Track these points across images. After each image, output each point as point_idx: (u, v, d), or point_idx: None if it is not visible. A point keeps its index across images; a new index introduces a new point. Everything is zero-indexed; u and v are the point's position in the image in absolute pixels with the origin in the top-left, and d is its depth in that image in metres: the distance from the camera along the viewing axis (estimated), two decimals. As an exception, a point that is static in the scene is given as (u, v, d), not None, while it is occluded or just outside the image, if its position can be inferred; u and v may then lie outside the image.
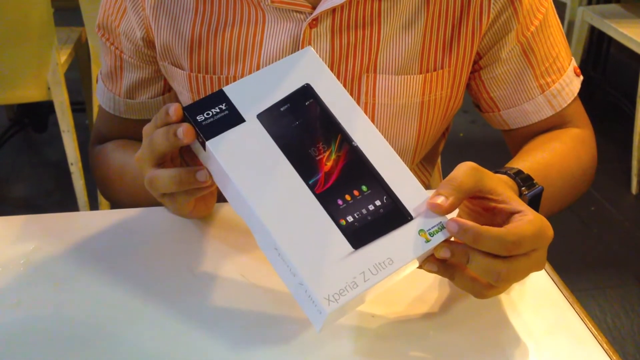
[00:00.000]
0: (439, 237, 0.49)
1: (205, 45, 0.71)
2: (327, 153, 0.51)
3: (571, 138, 0.75)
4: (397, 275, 0.49)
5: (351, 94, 0.72)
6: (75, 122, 1.69)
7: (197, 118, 0.51)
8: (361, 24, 0.69)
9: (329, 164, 0.50)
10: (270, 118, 0.52)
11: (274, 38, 0.70)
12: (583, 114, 0.79)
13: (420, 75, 0.72)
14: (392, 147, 0.51)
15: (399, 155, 0.77)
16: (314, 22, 0.69)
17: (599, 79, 2.53)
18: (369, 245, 0.48)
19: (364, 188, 0.50)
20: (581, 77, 0.78)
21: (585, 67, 2.49)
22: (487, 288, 0.51)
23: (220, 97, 0.52)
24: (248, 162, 0.50)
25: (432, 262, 0.51)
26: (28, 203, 2.04)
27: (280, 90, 0.53)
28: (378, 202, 0.49)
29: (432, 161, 0.89)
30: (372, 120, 0.74)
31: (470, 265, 0.50)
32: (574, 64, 0.77)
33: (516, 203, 0.52)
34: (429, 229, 0.49)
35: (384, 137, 0.53)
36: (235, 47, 0.71)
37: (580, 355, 0.53)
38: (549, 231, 0.52)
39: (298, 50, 0.68)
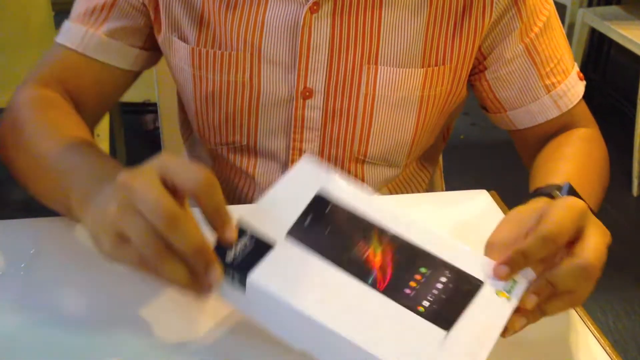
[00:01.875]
0: (519, 291, 0.48)
1: (214, 20, 0.71)
2: (371, 249, 0.49)
3: (580, 139, 0.76)
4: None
5: (351, 85, 0.73)
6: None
7: (226, 259, 0.48)
8: (362, 8, 0.69)
9: (378, 259, 0.49)
10: (299, 234, 0.50)
11: (275, 20, 0.70)
12: (588, 114, 0.79)
13: (422, 69, 0.73)
14: (389, 139, 0.50)
15: (395, 148, 0.76)
16: (315, 7, 0.69)
17: (599, 81, 2.53)
18: (458, 322, 0.46)
19: (423, 270, 0.49)
20: (584, 82, 0.78)
21: (585, 69, 2.49)
22: (584, 293, 0.50)
23: (239, 232, 0.49)
24: (300, 284, 0.47)
25: (520, 316, 0.48)
26: (27, 206, 2.04)
27: (295, 207, 0.51)
28: (444, 279, 0.48)
29: (433, 161, 0.89)
30: (371, 112, 0.74)
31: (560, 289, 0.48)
32: (576, 68, 0.77)
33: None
34: (505, 287, 0.48)
35: (381, 130, 0.52)
36: (238, 25, 0.71)
37: (583, 358, 0.53)
38: (586, 209, 0.51)
39: (298, 34, 0.69)
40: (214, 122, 0.77)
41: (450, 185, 0.90)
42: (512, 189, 0.74)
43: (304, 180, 0.54)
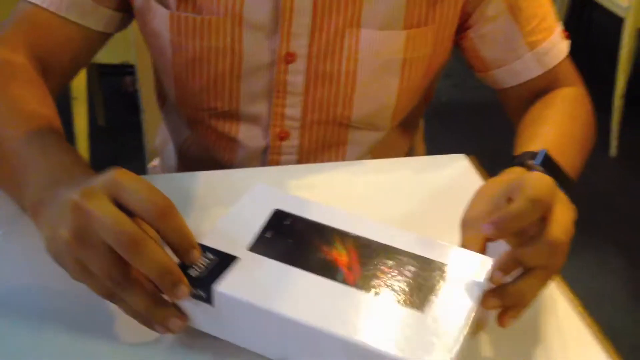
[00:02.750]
0: (484, 269, 0.50)
1: None
2: (336, 251, 0.50)
3: (564, 100, 0.76)
4: (471, 327, 0.48)
5: (334, 49, 0.72)
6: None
7: (190, 272, 0.47)
8: None
9: (344, 258, 0.50)
10: (262, 247, 0.50)
11: None
12: (573, 73, 0.80)
13: (404, 32, 0.73)
14: (373, 103, 0.51)
15: (379, 111, 0.76)
16: None
17: (580, 42, 2.53)
18: (431, 302, 0.47)
19: (390, 263, 0.50)
20: (569, 41, 0.78)
21: (567, 30, 2.49)
22: (554, 269, 0.50)
23: (201, 249, 0.49)
24: (269, 288, 0.47)
25: (490, 297, 0.49)
26: None
27: (254, 223, 0.52)
28: (412, 268, 0.49)
29: (415, 124, 0.90)
30: (354, 77, 0.74)
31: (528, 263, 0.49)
32: (560, 26, 0.78)
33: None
34: (473, 264, 0.50)
35: (365, 93, 0.52)
36: None
37: (552, 312, 0.55)
38: (554, 185, 0.51)
39: (279, 1, 0.69)
40: (194, 88, 0.76)
41: (432, 150, 0.91)
42: (495, 152, 0.75)
43: (260, 200, 0.54)
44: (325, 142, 0.79)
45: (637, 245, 1.85)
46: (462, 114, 2.38)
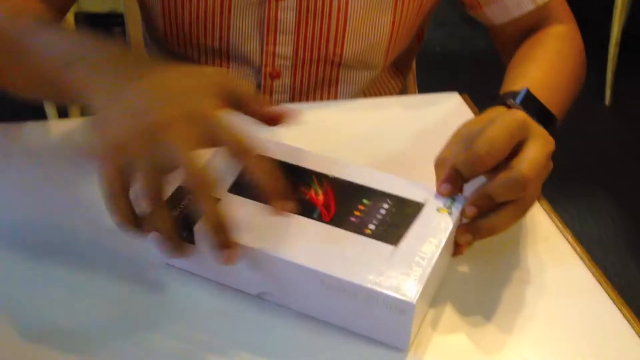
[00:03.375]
0: (458, 206, 0.51)
1: None
2: (312, 191, 0.52)
3: (554, 38, 0.75)
4: (444, 259, 0.50)
5: None
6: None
7: (173, 213, 0.48)
8: None
9: (320, 198, 0.51)
10: (241, 189, 0.51)
11: None
12: (566, 10, 0.78)
13: None
14: (364, 40, 0.50)
15: (371, 49, 0.75)
16: None
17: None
18: (405, 237, 0.48)
19: (365, 201, 0.51)
20: None
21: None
22: (526, 203, 0.51)
23: (180, 193, 0.50)
24: (246, 226, 0.48)
25: (463, 232, 0.51)
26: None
27: (233, 168, 0.52)
28: (386, 206, 0.51)
29: (407, 66, 0.89)
30: (345, 11, 0.73)
31: (498, 198, 0.50)
32: None
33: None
34: (445, 205, 0.51)
35: (356, 30, 0.51)
36: None
37: (554, 258, 0.55)
38: (527, 121, 0.52)
39: None
40: (184, 23, 0.75)
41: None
42: (490, 103, 0.74)
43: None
44: (318, 81, 0.79)
45: (629, 192, 1.86)
46: (456, 63, 2.36)
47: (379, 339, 0.47)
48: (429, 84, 0.92)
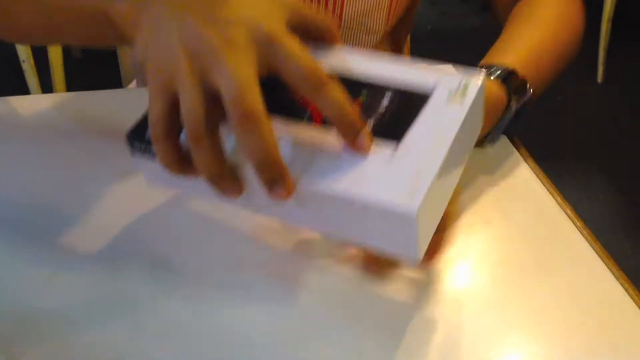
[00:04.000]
0: (472, 93, 0.43)
1: None
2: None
3: (552, 5, 0.72)
4: (456, 158, 0.43)
5: None
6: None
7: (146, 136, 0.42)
8: None
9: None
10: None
11: None
12: None
13: None
14: (366, 1, 0.44)
15: (372, 9, 0.71)
16: None
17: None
18: (409, 133, 0.41)
19: (361, 97, 0.43)
20: None
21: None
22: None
23: None
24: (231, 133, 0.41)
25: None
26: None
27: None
28: (386, 100, 0.43)
29: (402, 41, 0.87)
30: None
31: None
32: None
33: None
34: (456, 89, 0.43)
35: None
36: None
37: (559, 239, 0.54)
38: None
39: None
40: None
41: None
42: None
43: None
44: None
45: (622, 170, 1.85)
46: (448, 41, 2.34)
47: (389, 250, 0.41)
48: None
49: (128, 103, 0.64)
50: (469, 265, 0.50)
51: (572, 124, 1.99)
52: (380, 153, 0.40)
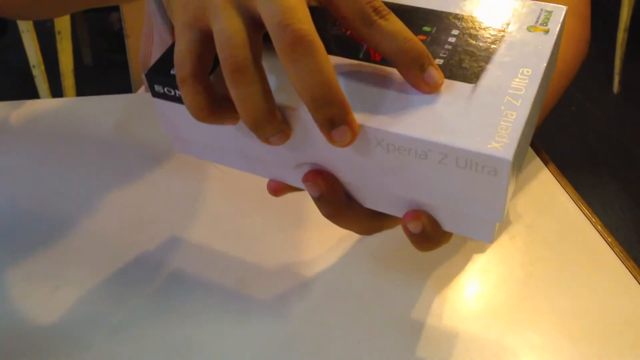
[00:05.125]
0: (557, 19, 0.38)
1: None
2: None
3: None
4: (540, 97, 0.37)
5: None
6: (35, 22, 1.60)
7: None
8: None
9: None
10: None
11: None
12: (579, 4, 0.71)
13: None
14: None
15: None
16: None
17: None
18: (486, 71, 0.35)
19: (426, 29, 0.38)
20: None
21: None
22: None
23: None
24: (284, 82, 0.35)
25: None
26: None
27: None
28: (455, 31, 0.37)
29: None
30: None
31: None
32: None
33: None
34: (538, 20, 0.38)
35: None
36: None
37: (588, 254, 0.51)
38: None
39: None
40: None
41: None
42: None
43: None
44: None
45: (638, 181, 1.82)
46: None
47: (466, 212, 0.34)
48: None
49: (138, 108, 0.63)
50: (494, 280, 0.48)
51: (588, 134, 1.96)
52: (455, 92, 0.34)
